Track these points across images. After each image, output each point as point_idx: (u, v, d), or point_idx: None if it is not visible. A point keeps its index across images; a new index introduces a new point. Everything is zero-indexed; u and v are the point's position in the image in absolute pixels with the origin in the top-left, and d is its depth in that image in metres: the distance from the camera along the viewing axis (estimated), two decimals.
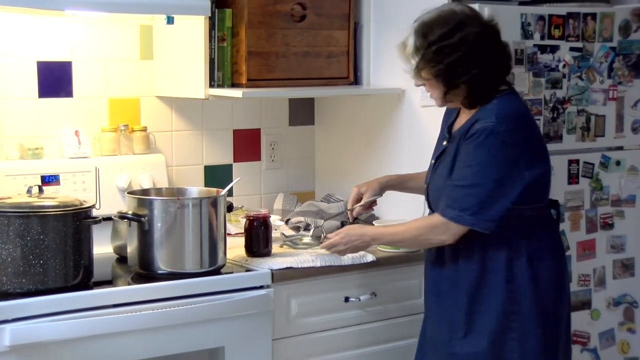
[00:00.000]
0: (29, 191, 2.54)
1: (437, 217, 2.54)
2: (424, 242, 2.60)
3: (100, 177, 2.89)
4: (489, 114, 2.49)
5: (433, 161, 2.66)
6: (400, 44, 2.58)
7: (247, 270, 2.73)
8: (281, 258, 2.80)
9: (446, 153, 2.59)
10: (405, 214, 3.00)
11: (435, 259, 2.64)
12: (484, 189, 2.47)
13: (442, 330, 2.61)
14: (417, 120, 3.19)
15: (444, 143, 2.63)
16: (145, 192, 2.81)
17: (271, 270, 2.72)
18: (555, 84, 3.22)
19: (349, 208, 2.91)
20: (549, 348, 2.57)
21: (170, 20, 2.88)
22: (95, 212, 2.56)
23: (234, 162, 3.44)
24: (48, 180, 2.95)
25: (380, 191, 2.89)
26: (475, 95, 2.53)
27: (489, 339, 2.53)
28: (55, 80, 3.06)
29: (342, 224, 3.22)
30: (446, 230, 2.51)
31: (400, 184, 2.90)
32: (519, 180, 2.48)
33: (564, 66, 3.23)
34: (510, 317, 2.53)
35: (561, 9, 3.23)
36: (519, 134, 2.49)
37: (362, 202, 2.87)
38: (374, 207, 2.93)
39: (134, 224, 2.61)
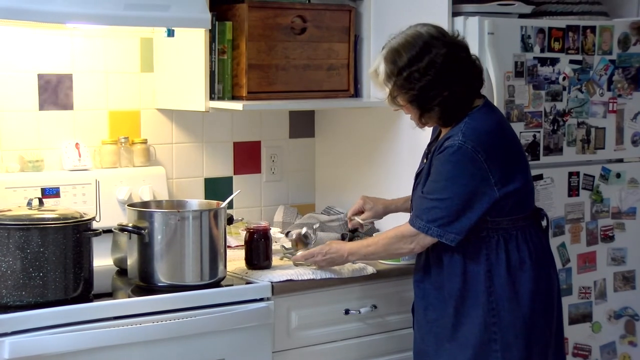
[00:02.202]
0: (29, 204, 2.54)
1: (406, 227, 2.61)
2: (395, 251, 2.68)
3: (100, 190, 2.90)
4: (458, 132, 2.54)
5: (414, 179, 2.72)
6: (372, 71, 2.65)
7: (248, 283, 2.72)
8: (281, 270, 2.80)
9: (423, 171, 2.66)
10: None
11: (422, 273, 2.68)
12: (451, 203, 2.52)
13: (430, 342, 2.65)
14: (417, 133, 3.19)
15: (424, 161, 2.69)
16: (145, 204, 2.81)
17: (271, 282, 2.72)
18: (555, 96, 3.23)
19: (347, 217, 2.95)
20: (536, 358, 2.58)
21: (170, 33, 2.88)
22: (95, 225, 2.56)
23: (234, 174, 3.44)
24: (48, 192, 2.95)
25: (383, 214, 2.95)
26: (448, 116, 2.58)
27: (472, 350, 2.57)
28: (55, 92, 3.07)
29: (343, 237, 3.23)
30: (414, 240, 2.60)
31: (406, 207, 2.92)
32: (487, 196, 2.52)
33: (563, 79, 3.24)
34: (492, 328, 2.56)
35: (561, 22, 3.24)
36: (488, 150, 2.52)
37: (361, 218, 2.92)
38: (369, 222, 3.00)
39: (134, 237, 2.61)
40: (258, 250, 2.83)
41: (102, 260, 2.78)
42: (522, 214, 2.60)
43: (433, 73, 2.53)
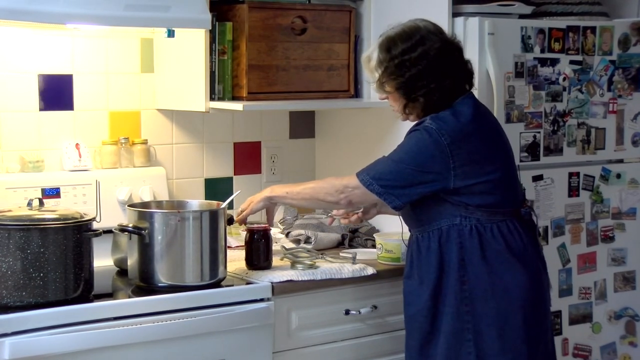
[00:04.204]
0: (29, 204, 2.54)
1: (350, 178, 2.66)
2: (321, 197, 2.70)
3: (100, 190, 2.89)
4: (428, 117, 2.60)
5: None
6: (365, 57, 2.70)
7: (248, 283, 2.72)
8: (281, 271, 2.80)
9: None
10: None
11: (408, 268, 2.70)
12: (404, 169, 2.57)
13: (415, 337, 2.67)
14: None
15: None
16: (145, 205, 2.81)
17: (271, 283, 2.72)
18: (555, 97, 3.23)
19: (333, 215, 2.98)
20: (510, 350, 2.58)
21: (170, 34, 2.88)
22: (95, 225, 2.55)
23: (234, 174, 3.45)
24: (49, 193, 2.95)
25: (373, 210, 2.96)
26: (431, 108, 2.61)
27: (445, 338, 2.60)
28: (56, 93, 3.07)
29: (343, 237, 3.23)
30: (344, 192, 2.65)
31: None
32: (441, 179, 2.55)
33: (564, 79, 3.24)
34: (465, 317, 2.59)
35: (561, 23, 3.24)
36: (453, 135, 2.55)
37: (350, 218, 2.93)
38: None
39: (135, 237, 2.61)
40: (258, 250, 2.84)
41: (103, 260, 2.78)
42: (499, 208, 2.61)
43: (424, 64, 2.58)
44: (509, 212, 2.63)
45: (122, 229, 2.62)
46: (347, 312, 2.86)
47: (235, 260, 2.91)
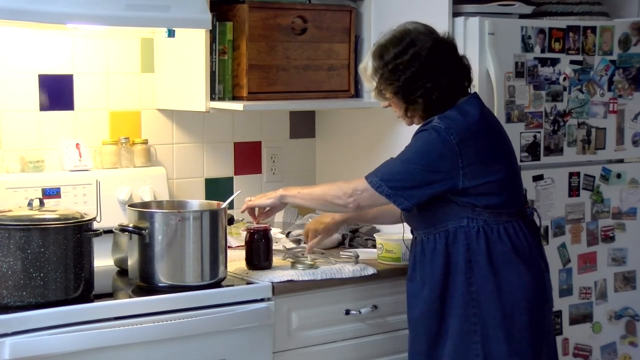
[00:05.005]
0: (29, 204, 2.54)
1: (359, 180, 2.64)
2: (330, 200, 2.67)
3: (101, 190, 2.90)
4: (435, 117, 2.59)
5: None
6: (361, 67, 2.72)
7: (248, 283, 2.73)
8: (282, 271, 2.80)
9: None
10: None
11: (411, 270, 2.70)
12: (413, 170, 2.56)
13: (422, 340, 2.67)
14: None
15: None
16: (146, 205, 2.81)
17: (272, 283, 2.72)
18: (555, 96, 3.23)
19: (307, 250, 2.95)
20: (516, 352, 2.58)
21: (171, 34, 2.88)
22: (96, 225, 2.56)
23: (234, 174, 3.45)
24: (49, 193, 2.95)
25: (334, 226, 2.97)
26: (432, 109, 2.61)
27: (452, 340, 2.59)
28: (56, 93, 3.07)
29: (343, 237, 3.23)
30: (353, 195, 2.62)
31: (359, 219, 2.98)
32: (450, 178, 2.54)
33: (564, 79, 3.24)
34: (472, 319, 2.58)
35: (561, 23, 3.24)
36: (462, 134, 2.54)
37: (314, 241, 2.93)
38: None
39: (135, 237, 2.61)
40: (258, 250, 2.84)
41: (103, 260, 2.78)
42: (504, 209, 2.61)
43: (417, 65, 2.58)
44: (514, 213, 2.63)
45: (123, 229, 2.62)
46: (347, 312, 2.86)
47: (236, 260, 2.91)
